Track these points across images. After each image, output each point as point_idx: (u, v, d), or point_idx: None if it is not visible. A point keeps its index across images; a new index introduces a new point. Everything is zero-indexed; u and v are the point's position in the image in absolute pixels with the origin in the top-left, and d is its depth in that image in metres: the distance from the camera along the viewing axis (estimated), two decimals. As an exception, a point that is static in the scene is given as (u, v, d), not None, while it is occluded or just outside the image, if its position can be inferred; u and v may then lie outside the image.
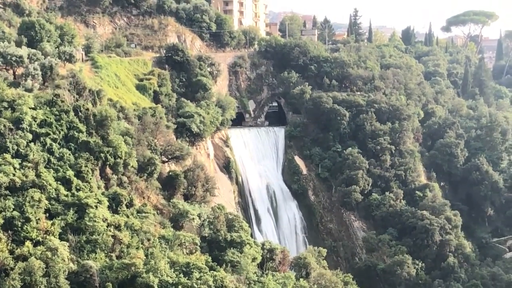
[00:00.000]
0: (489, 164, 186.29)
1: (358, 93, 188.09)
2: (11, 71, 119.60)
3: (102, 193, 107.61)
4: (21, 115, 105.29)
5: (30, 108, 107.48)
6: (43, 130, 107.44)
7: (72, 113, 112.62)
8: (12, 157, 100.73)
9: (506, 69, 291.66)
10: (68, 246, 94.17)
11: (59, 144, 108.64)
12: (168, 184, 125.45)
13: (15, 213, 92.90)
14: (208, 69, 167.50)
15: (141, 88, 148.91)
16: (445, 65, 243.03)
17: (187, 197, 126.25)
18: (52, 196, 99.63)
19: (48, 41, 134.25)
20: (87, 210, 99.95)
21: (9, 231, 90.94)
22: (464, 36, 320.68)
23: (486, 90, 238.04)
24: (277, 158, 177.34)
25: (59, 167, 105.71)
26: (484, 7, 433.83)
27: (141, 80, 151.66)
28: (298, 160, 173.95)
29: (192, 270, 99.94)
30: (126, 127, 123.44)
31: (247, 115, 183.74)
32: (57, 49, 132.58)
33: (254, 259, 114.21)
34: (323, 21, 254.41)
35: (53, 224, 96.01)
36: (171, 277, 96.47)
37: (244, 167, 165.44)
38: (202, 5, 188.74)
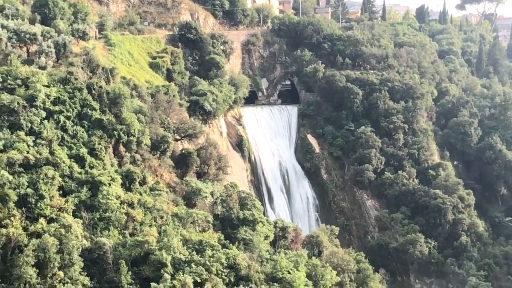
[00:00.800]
0: (502, 143, 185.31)
1: (372, 71, 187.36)
2: (24, 49, 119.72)
3: (116, 171, 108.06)
4: (34, 93, 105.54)
5: (43, 86, 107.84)
6: (56, 108, 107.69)
7: (85, 91, 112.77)
8: (26, 134, 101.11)
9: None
10: (82, 223, 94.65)
11: (73, 121, 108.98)
12: (181, 162, 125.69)
13: (29, 190, 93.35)
14: (221, 47, 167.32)
15: (154, 66, 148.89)
16: (459, 43, 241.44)
17: (200, 175, 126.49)
18: (66, 174, 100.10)
19: (61, 19, 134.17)
20: (100, 188, 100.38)
21: (23, 208, 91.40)
22: (478, 14, 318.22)
23: (501, 69, 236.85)
24: (289, 136, 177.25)
25: (72, 145, 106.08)
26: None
27: (154, 58, 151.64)
28: (311, 138, 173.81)
29: (204, 247, 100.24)
30: (139, 105, 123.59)
31: (260, 94, 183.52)
32: (70, 26, 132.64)
33: (266, 237, 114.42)
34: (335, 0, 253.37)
35: (66, 201, 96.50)
36: (184, 255, 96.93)
37: (257, 145, 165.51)
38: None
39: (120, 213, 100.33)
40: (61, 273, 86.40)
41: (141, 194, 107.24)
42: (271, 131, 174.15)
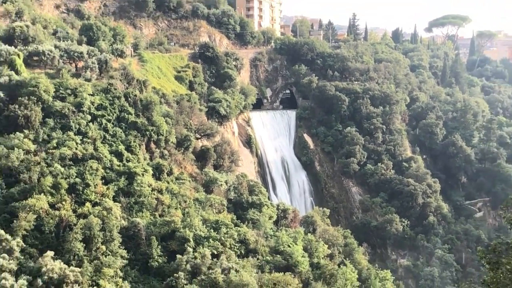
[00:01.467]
0: (462, 140, 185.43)
1: (356, 82, 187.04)
2: (73, 65, 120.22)
3: (147, 164, 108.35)
4: (81, 100, 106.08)
5: (89, 95, 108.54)
6: (99, 112, 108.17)
7: (123, 99, 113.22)
8: (75, 134, 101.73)
9: (477, 63, 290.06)
10: (120, 207, 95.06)
11: (113, 123, 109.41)
12: (201, 157, 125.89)
13: (77, 180, 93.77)
14: (233, 63, 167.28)
15: (179, 78, 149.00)
16: (427, 59, 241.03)
17: (216, 167, 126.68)
18: (107, 166, 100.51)
19: (103, 40, 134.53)
20: (135, 177, 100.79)
21: (72, 194, 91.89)
22: (443, 36, 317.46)
23: (461, 80, 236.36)
24: (289, 135, 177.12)
25: (112, 142, 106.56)
26: (460, 12, 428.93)
27: (179, 72, 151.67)
28: (306, 137, 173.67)
29: (220, 226, 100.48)
30: (166, 110, 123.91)
31: (265, 101, 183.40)
32: (110, 46, 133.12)
33: (270, 218, 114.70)
34: (327, 24, 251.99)
35: (108, 188, 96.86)
36: (203, 232, 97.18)
37: (263, 143, 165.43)
38: (228, 11, 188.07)
39: (151, 198, 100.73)
40: (103, 247, 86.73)
41: (168, 183, 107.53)
42: (274, 131, 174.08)
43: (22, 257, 79.71)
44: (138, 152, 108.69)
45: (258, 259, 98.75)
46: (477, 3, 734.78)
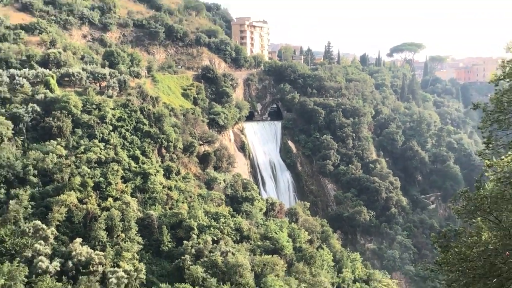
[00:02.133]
0: (418, 145, 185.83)
1: (330, 98, 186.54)
2: (98, 84, 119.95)
3: (159, 166, 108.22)
4: (104, 113, 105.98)
5: (110, 109, 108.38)
6: (119, 123, 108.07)
7: (139, 112, 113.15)
8: (99, 141, 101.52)
9: (430, 82, 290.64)
10: (136, 201, 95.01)
11: (130, 132, 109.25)
12: (203, 159, 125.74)
13: (101, 179, 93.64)
14: (230, 82, 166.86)
15: (185, 95, 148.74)
16: (389, 79, 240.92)
17: (215, 168, 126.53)
18: (126, 168, 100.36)
19: (122, 64, 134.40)
20: (149, 177, 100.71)
21: (97, 191, 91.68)
22: (402, 60, 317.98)
23: (416, 96, 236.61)
24: (276, 142, 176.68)
25: (130, 148, 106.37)
26: (416, 39, 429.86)
27: (185, 90, 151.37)
28: (290, 143, 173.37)
29: (219, 216, 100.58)
30: (174, 121, 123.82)
31: (256, 113, 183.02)
32: (128, 69, 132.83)
33: (261, 210, 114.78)
34: (307, 50, 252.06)
35: (126, 186, 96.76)
36: (205, 222, 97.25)
37: (254, 148, 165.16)
38: (225, 39, 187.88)
39: (162, 194, 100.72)
40: (123, 235, 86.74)
41: (176, 181, 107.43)
42: (263, 139, 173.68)
43: (56, 243, 79.84)
44: (151, 156, 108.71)
45: (250, 244, 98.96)
46: (430, 32, 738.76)
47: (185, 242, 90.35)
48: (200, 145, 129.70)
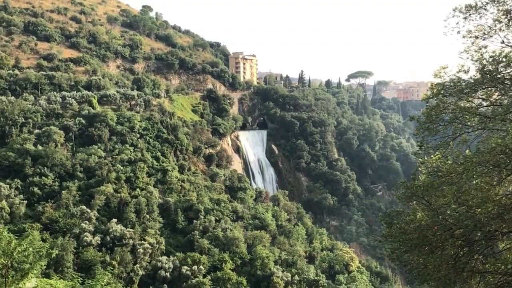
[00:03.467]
0: (369, 148, 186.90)
1: (303, 112, 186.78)
2: (128, 103, 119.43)
3: (175, 164, 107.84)
4: (133, 125, 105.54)
5: (138, 121, 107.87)
6: (145, 132, 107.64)
7: (159, 124, 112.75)
8: (129, 146, 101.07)
9: (377, 100, 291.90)
10: (158, 191, 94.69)
11: (153, 139, 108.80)
12: (208, 159, 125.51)
13: (131, 174, 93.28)
14: (228, 101, 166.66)
15: (194, 111, 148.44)
16: (347, 98, 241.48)
17: (217, 165, 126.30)
18: (150, 165, 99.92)
19: (146, 87, 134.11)
20: (167, 173, 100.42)
21: (128, 183, 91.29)
22: (356, 83, 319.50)
23: (368, 111, 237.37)
24: (263, 145, 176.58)
25: (153, 151, 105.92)
26: (367, 68, 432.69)
27: (194, 107, 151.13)
28: (273, 146, 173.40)
29: (220, 202, 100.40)
30: (186, 130, 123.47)
31: (247, 124, 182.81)
32: (151, 91, 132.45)
33: (251, 196, 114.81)
34: (285, 77, 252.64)
35: (150, 179, 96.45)
36: (210, 206, 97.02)
37: (246, 150, 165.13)
38: (224, 69, 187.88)
39: (177, 185, 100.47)
40: (147, 216, 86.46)
41: (188, 176, 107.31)
42: (253, 143, 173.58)
43: (97, 223, 79.53)
44: (169, 156, 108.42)
45: (244, 222, 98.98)
46: (378, 61, 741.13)
47: (194, 221, 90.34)
48: (206, 148, 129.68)
